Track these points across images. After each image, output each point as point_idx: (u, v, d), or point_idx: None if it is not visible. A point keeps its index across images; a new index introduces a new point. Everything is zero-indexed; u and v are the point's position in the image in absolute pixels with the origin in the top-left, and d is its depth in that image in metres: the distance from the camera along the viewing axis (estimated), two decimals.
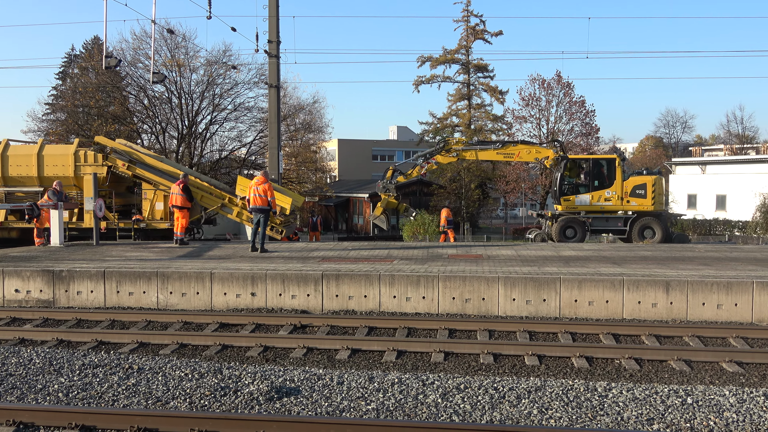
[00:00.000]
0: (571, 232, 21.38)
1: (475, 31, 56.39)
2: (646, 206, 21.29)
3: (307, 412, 7.03)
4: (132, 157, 21.52)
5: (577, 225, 21.30)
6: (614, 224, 21.50)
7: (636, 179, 21.64)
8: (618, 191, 21.43)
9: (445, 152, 22.55)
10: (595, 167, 21.99)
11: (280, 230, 21.11)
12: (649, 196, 21.35)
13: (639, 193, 21.38)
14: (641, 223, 21.23)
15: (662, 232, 21.08)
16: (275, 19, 22.73)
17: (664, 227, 21.24)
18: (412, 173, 22.88)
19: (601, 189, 21.60)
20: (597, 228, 21.68)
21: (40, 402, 7.38)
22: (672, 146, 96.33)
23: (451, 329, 10.98)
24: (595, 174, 21.91)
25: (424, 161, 22.58)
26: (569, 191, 21.88)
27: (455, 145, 22.64)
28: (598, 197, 21.50)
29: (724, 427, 6.64)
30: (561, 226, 21.45)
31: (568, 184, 22.00)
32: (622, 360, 9.30)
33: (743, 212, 44.97)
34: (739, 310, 11.55)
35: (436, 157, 22.57)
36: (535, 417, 6.87)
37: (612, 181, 21.56)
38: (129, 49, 41.73)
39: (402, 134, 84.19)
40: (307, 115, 51.49)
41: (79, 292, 13.27)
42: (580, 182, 22.00)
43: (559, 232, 21.40)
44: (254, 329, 11.25)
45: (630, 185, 21.48)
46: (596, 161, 22.37)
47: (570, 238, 21.25)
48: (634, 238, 21.12)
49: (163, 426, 6.48)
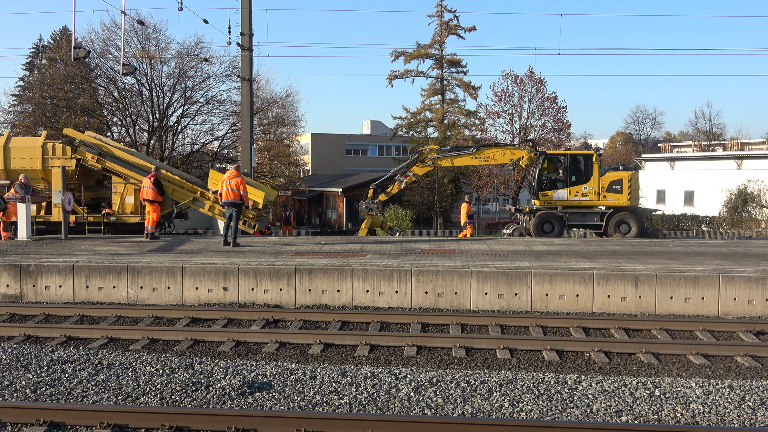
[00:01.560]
0: (548, 227, 21.59)
1: (449, 26, 56.53)
2: (623, 201, 21.57)
3: (280, 407, 7.01)
4: (102, 150, 21.19)
5: (555, 220, 21.50)
6: (591, 219, 21.74)
7: (613, 175, 21.88)
8: (595, 186, 21.67)
9: (420, 163, 22.72)
10: (573, 163, 22.21)
11: (252, 224, 20.97)
12: (626, 192, 21.63)
13: (615, 189, 21.64)
14: (617, 218, 21.50)
15: (638, 227, 21.39)
16: (248, 11, 22.52)
17: (639, 222, 21.55)
18: (392, 190, 23.04)
19: (578, 184, 21.84)
20: (574, 223, 21.89)
21: (7, 399, 7.26)
22: (642, 142, 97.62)
23: (424, 323, 11.03)
24: (573, 169, 22.14)
25: (401, 175, 22.77)
26: (547, 186, 22.08)
27: (430, 154, 22.77)
28: (576, 192, 21.73)
29: (690, 418, 6.78)
30: (539, 221, 21.65)
31: (546, 179, 22.19)
32: (591, 353, 9.43)
33: (710, 208, 45.82)
34: (705, 304, 11.78)
35: (413, 169, 22.77)
36: (507, 410, 6.94)
37: (589, 176, 21.79)
38: (98, 41, 40.97)
39: (376, 129, 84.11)
40: (281, 109, 51.17)
41: (47, 286, 13.06)
42: (557, 177, 22.22)
43: (537, 226, 21.59)
44: (226, 324, 11.19)
45: (607, 181, 21.73)
46: (574, 157, 22.56)
47: (548, 233, 21.47)
48: (610, 232, 21.40)
49: (133, 422, 6.41)
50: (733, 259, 14.22)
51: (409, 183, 23.13)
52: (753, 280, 11.72)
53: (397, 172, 23.05)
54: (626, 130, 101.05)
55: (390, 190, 23.02)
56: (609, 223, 21.47)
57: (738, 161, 50.44)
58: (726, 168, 50.22)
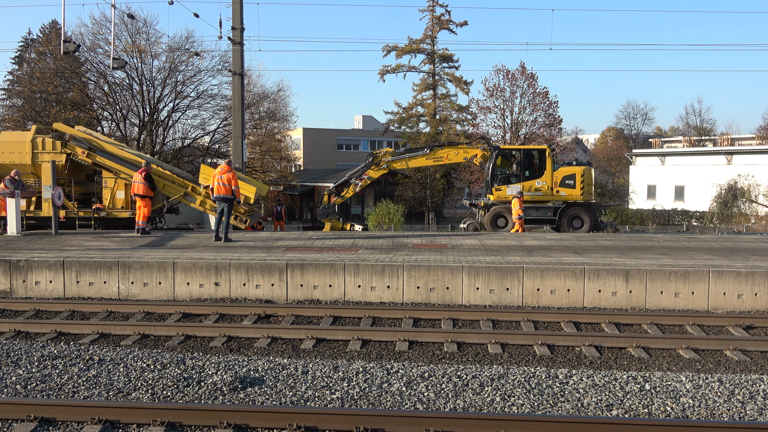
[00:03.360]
0: (502, 222, 21.83)
1: (441, 20, 56.41)
2: (575, 196, 21.78)
3: (272, 402, 7.01)
4: (92, 145, 21.05)
5: (508, 214, 21.59)
6: (544, 214, 21.86)
7: (565, 170, 22.10)
8: (548, 181, 21.83)
9: (375, 166, 22.81)
10: (526, 158, 22.39)
11: (244, 219, 20.91)
12: (578, 186, 21.82)
13: (568, 183, 21.83)
14: (570, 212, 21.70)
15: (590, 222, 21.64)
16: (239, 5, 22.43)
17: (592, 217, 21.79)
18: (347, 194, 23.22)
19: (531, 179, 22.00)
20: (527, 217, 21.94)
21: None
22: (633, 138, 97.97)
23: (416, 318, 11.05)
24: (526, 164, 22.32)
25: (356, 179, 22.87)
26: (501, 181, 22.25)
27: (384, 157, 22.86)
28: (529, 187, 21.85)
29: (680, 412, 6.82)
30: (492, 215, 21.89)
31: (500, 174, 22.41)
32: (582, 347, 9.47)
33: (701, 203, 46.08)
34: (695, 299, 11.85)
35: (368, 172, 22.86)
36: (498, 404, 6.96)
37: (542, 171, 21.96)
38: (88, 34, 40.61)
39: (367, 124, 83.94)
40: (272, 104, 50.95)
41: (37, 282, 12.99)
42: (511, 172, 22.39)
43: (491, 221, 21.86)
44: (218, 319, 11.17)
45: (560, 176, 21.92)
46: (527, 152, 22.76)
47: (501, 227, 21.70)
48: (563, 227, 21.63)
49: (124, 417, 6.40)
50: (723, 254, 14.30)
51: (363, 186, 23.32)
52: (743, 275, 11.80)
53: (352, 176, 23.23)
54: (617, 126, 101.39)
55: (344, 193, 23.23)
56: (562, 217, 21.68)
57: (728, 156, 50.72)
58: (716, 163, 50.49)
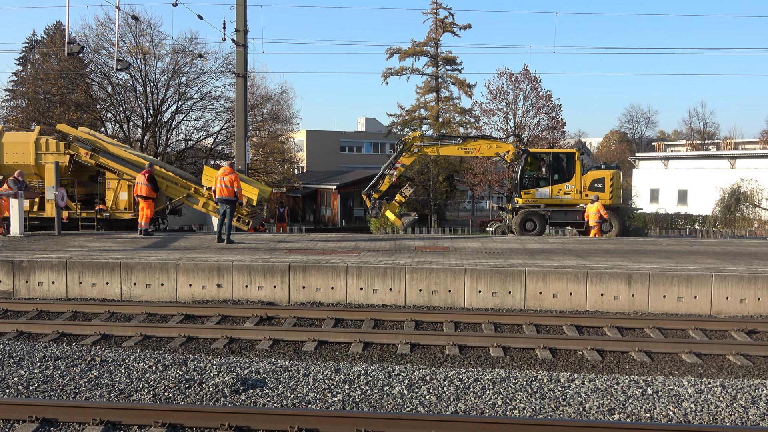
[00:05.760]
0: (530, 225, 21.66)
1: (444, 23, 56.51)
2: (604, 200, 21.66)
3: (273, 404, 7.01)
4: (95, 146, 21.09)
5: (537, 218, 21.55)
6: (573, 217, 21.80)
7: (595, 173, 21.96)
8: (577, 185, 21.74)
9: (406, 152, 22.59)
10: (555, 161, 22.29)
11: (246, 221, 20.93)
12: (607, 190, 21.71)
13: (597, 187, 21.72)
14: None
15: (619, 226, 21.50)
16: (243, 7, 22.46)
17: (621, 221, 21.66)
18: (383, 186, 22.91)
19: (560, 183, 21.89)
20: (556, 221, 21.95)
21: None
22: (636, 141, 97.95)
23: (418, 321, 11.04)
24: (555, 168, 22.21)
25: (391, 169, 22.65)
26: (530, 184, 22.13)
27: (414, 142, 22.66)
28: (558, 191, 21.79)
29: (682, 416, 6.80)
30: (521, 218, 21.73)
31: (529, 177, 22.26)
32: (584, 351, 9.46)
33: (704, 207, 45.96)
34: (698, 303, 11.82)
35: (401, 159, 22.62)
36: (500, 408, 6.95)
37: (571, 174, 21.86)
38: (92, 36, 40.75)
39: (370, 126, 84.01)
40: (275, 106, 51.06)
41: (40, 282, 13.01)
42: (540, 176, 22.28)
43: (519, 224, 21.67)
44: (220, 321, 11.17)
45: (589, 179, 21.80)
46: (556, 155, 22.67)
47: (530, 230, 21.55)
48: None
49: (126, 418, 6.40)
50: (726, 258, 14.27)
51: (399, 175, 23.03)
52: (745, 280, 11.77)
53: (386, 168, 22.97)
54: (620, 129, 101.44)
55: (381, 186, 22.97)
56: None
57: (731, 160, 50.62)
58: (719, 167, 50.39)
